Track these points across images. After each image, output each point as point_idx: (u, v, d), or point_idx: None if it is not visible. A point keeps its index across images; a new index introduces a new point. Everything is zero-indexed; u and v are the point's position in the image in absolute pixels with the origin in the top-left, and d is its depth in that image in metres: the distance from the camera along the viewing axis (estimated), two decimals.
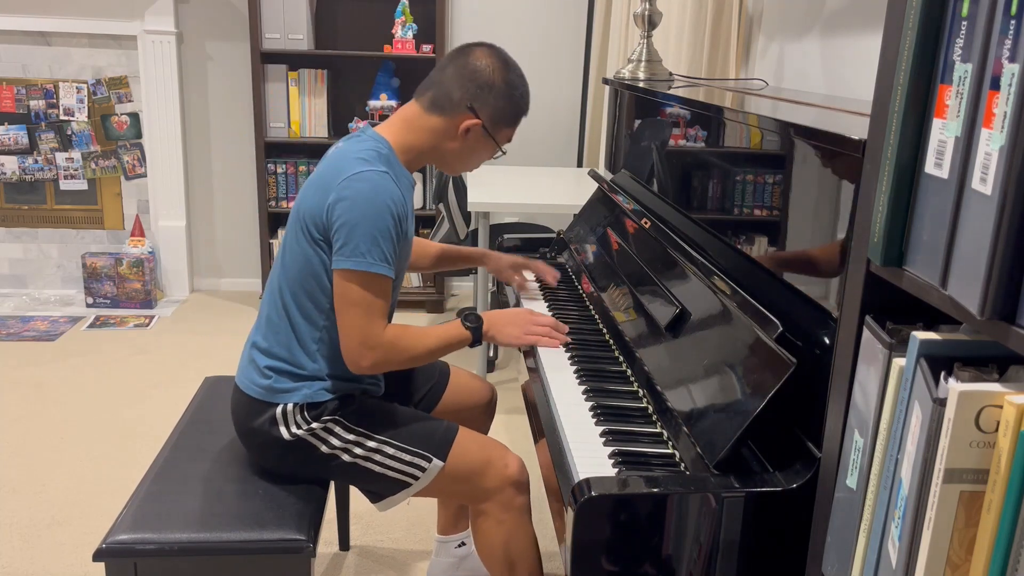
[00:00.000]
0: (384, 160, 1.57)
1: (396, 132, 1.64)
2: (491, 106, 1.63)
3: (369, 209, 1.50)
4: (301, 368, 1.60)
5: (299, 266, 1.58)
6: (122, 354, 3.54)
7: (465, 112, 1.62)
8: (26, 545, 2.25)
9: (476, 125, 1.63)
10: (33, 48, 3.98)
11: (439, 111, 1.63)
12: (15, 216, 4.17)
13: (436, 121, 1.63)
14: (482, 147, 1.68)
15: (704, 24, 2.82)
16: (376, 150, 1.58)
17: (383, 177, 1.53)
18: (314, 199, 1.55)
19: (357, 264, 1.50)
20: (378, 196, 1.51)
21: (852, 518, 0.89)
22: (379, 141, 1.61)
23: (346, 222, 1.50)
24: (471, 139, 1.65)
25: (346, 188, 1.51)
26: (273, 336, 1.62)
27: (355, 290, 1.51)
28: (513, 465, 1.63)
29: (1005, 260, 0.66)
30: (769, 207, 1.41)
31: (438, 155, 1.67)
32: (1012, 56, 0.64)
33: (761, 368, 1.20)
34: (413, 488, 1.62)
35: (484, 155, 1.71)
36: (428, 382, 1.92)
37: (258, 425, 1.60)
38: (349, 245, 1.50)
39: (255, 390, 1.61)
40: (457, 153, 1.67)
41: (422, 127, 1.64)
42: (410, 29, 3.91)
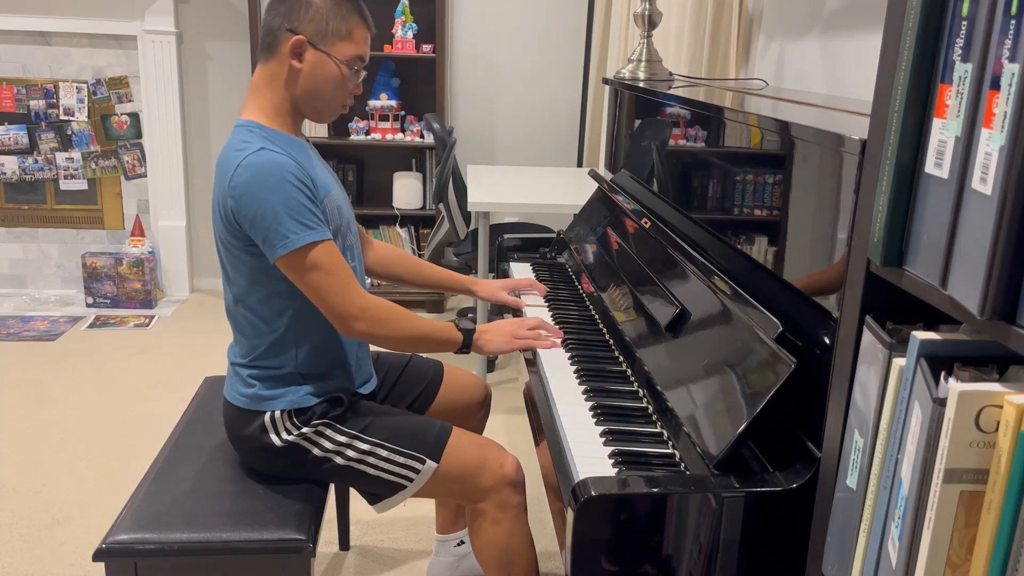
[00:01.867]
0: (258, 137, 1.52)
1: (252, 105, 1.58)
2: (312, 18, 1.53)
3: (264, 192, 1.46)
4: (282, 368, 1.60)
5: (240, 274, 1.57)
6: (122, 354, 3.54)
7: (286, 36, 1.53)
8: (26, 545, 2.25)
9: (301, 43, 1.53)
10: (33, 48, 3.98)
11: (269, 51, 1.56)
12: (15, 216, 4.17)
13: (272, 66, 1.56)
14: (326, 70, 1.56)
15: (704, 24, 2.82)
16: (245, 136, 1.53)
17: (261, 154, 1.48)
18: (219, 209, 1.53)
19: (287, 246, 1.47)
20: (267, 175, 1.46)
21: (852, 518, 0.89)
22: (244, 124, 1.56)
23: (254, 215, 1.47)
24: (308, 64, 1.54)
25: (235, 186, 1.47)
26: (246, 346, 1.62)
27: (305, 269, 1.49)
28: (508, 465, 1.63)
29: (1005, 260, 0.66)
30: (769, 207, 1.41)
31: (296, 101, 1.58)
32: (1012, 56, 0.64)
33: (761, 368, 1.20)
34: (408, 490, 1.62)
35: (336, 81, 1.57)
36: (422, 382, 1.91)
37: (249, 433, 1.60)
38: (270, 234, 1.47)
39: (241, 400, 1.61)
40: (307, 87, 1.56)
41: (266, 81, 1.57)
42: (410, 29, 3.91)
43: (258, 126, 1.55)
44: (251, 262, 1.54)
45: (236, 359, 1.65)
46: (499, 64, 4.25)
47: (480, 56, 4.23)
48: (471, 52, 4.22)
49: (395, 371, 1.89)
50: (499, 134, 4.35)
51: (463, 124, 4.30)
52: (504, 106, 4.31)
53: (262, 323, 1.59)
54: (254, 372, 1.61)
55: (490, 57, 4.23)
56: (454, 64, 4.21)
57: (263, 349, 1.60)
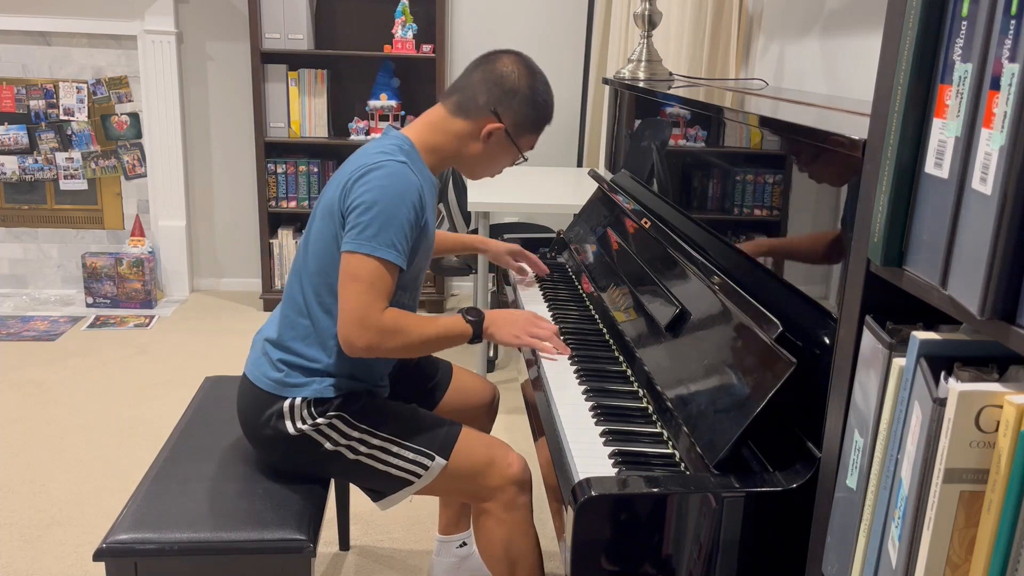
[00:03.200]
0: (405, 154, 1.59)
1: (419, 132, 1.66)
2: (514, 111, 1.65)
3: (384, 195, 1.51)
4: (315, 362, 1.60)
5: (321, 257, 1.59)
6: (122, 354, 3.54)
7: (489, 116, 1.64)
8: (26, 545, 2.25)
9: (499, 130, 1.65)
10: (33, 48, 3.98)
11: (463, 114, 1.65)
12: (15, 216, 4.17)
13: (460, 124, 1.66)
14: (503, 152, 1.70)
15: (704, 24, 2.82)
16: (398, 146, 1.60)
17: (402, 166, 1.54)
18: (334, 188, 1.58)
19: (363, 247, 1.50)
20: (394, 183, 1.52)
21: (852, 518, 0.89)
22: (402, 139, 1.63)
23: (360, 205, 1.51)
24: (493, 143, 1.67)
25: (365, 174, 1.53)
26: (290, 330, 1.62)
27: (360, 271, 1.50)
28: (516, 464, 1.63)
29: (1005, 260, 0.66)
30: (769, 207, 1.41)
31: (460, 158, 1.69)
32: (1012, 56, 0.64)
33: (761, 368, 1.20)
34: (415, 486, 1.62)
35: (505, 160, 1.74)
36: (430, 380, 1.91)
37: (265, 418, 1.60)
38: (359, 227, 1.50)
39: (266, 383, 1.61)
40: (478, 157, 1.69)
41: (446, 129, 1.66)
42: (410, 29, 3.91)
43: (412, 147, 1.63)
44: (337, 245, 1.56)
45: (273, 336, 1.65)
46: None
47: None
48: (471, 52, 4.19)
49: (404, 370, 1.89)
50: None
51: None
52: None
53: (319, 308, 1.60)
54: (288, 358, 1.61)
55: None
56: (454, 64, 4.21)
57: (306, 335, 1.61)
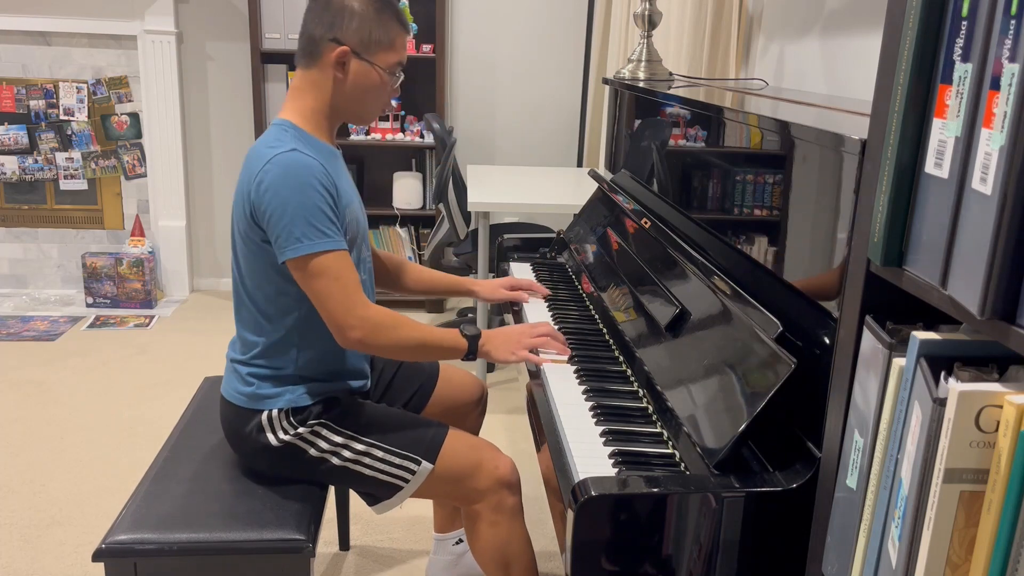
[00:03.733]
0: (291, 138, 1.53)
1: (291, 107, 1.60)
2: (355, 29, 1.55)
3: (287, 191, 1.47)
4: (281, 369, 1.60)
5: (254, 274, 1.57)
6: (122, 354, 3.54)
7: (330, 46, 1.55)
8: (26, 545, 2.25)
9: (345, 53, 1.54)
10: (33, 48, 3.98)
11: (312, 59, 1.57)
12: (15, 216, 4.17)
13: (314, 73, 1.57)
14: (369, 79, 1.58)
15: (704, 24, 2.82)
16: (279, 134, 1.54)
17: (292, 155, 1.49)
18: (238, 204, 1.54)
19: (298, 250, 1.47)
20: (293, 176, 1.47)
21: (852, 518, 0.89)
22: (280, 124, 1.57)
23: (273, 212, 1.47)
24: (351, 73, 1.56)
25: (261, 180, 1.48)
26: (248, 346, 1.62)
27: (313, 273, 1.48)
28: (504, 466, 1.63)
29: (1005, 260, 0.66)
30: (769, 207, 1.41)
31: (337, 108, 1.60)
32: (1012, 56, 0.64)
33: (761, 368, 1.20)
34: (405, 491, 1.62)
35: (377, 87, 1.60)
36: (417, 380, 1.90)
37: (246, 433, 1.60)
38: (284, 234, 1.47)
39: (239, 398, 1.61)
40: (351, 96, 1.59)
41: (307, 87, 1.58)
42: (410, 29, 3.91)
43: (293, 127, 1.57)
44: (265, 257, 1.54)
45: (236, 356, 1.65)
46: (499, 64, 4.25)
47: (480, 56, 4.23)
48: (471, 52, 4.22)
49: (391, 369, 1.89)
50: (499, 134, 4.35)
51: (463, 124, 4.30)
52: (504, 106, 4.31)
53: (267, 321, 1.59)
54: (254, 371, 1.61)
55: (490, 57, 4.23)
56: (454, 64, 4.21)
57: (265, 348, 1.60)
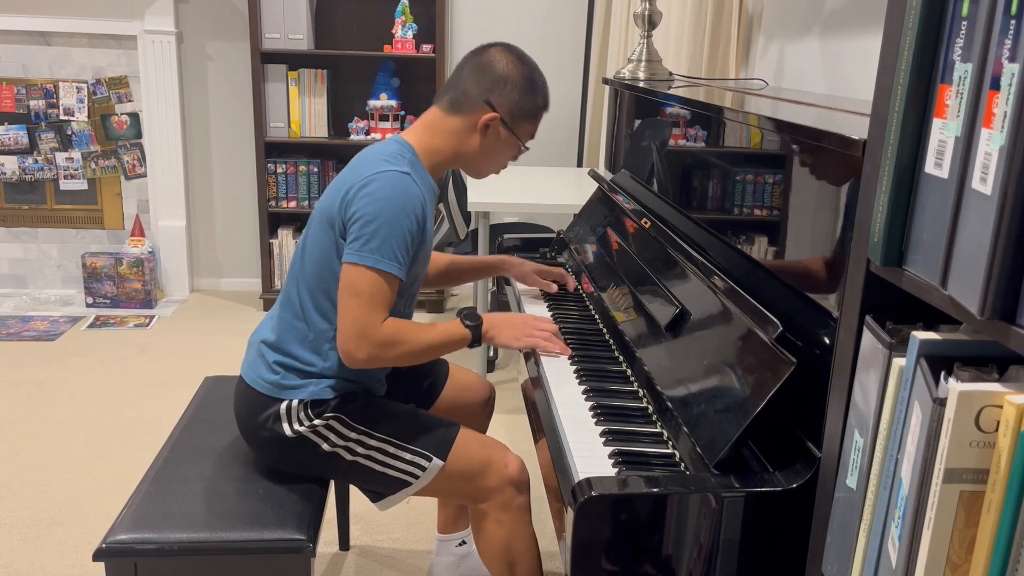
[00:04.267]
0: (407, 162, 1.58)
1: (419, 136, 1.65)
2: (508, 99, 1.64)
3: (387, 206, 1.50)
4: (311, 365, 1.61)
5: (318, 263, 1.59)
6: (122, 354, 3.54)
7: (483, 107, 1.63)
8: (26, 545, 2.25)
9: (494, 119, 1.63)
10: (33, 48, 3.98)
11: (458, 111, 1.64)
12: (15, 216, 4.17)
13: (456, 122, 1.65)
14: (503, 144, 1.68)
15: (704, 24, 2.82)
16: (399, 152, 1.60)
17: (404, 177, 1.54)
18: (335, 195, 1.57)
19: (365, 259, 1.50)
20: (397, 195, 1.52)
21: (852, 518, 0.89)
22: (402, 144, 1.63)
23: (362, 216, 1.51)
24: (491, 135, 1.65)
25: (365, 184, 1.52)
26: (286, 333, 1.62)
27: (360, 283, 1.50)
28: (513, 465, 1.63)
29: (1005, 260, 0.66)
30: (769, 207, 1.41)
31: (460, 157, 1.68)
32: (1012, 56, 0.64)
33: (761, 368, 1.20)
34: (413, 487, 1.62)
35: (507, 153, 1.71)
36: (427, 377, 1.91)
37: (262, 421, 1.61)
38: (361, 239, 1.50)
39: (263, 385, 1.61)
40: (479, 153, 1.67)
41: (443, 129, 1.65)
42: (410, 29, 3.91)
43: (412, 152, 1.62)
44: (331, 251, 1.57)
45: (269, 337, 1.64)
46: None
47: None
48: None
49: (400, 368, 1.88)
50: None
51: None
52: None
53: (316, 312, 1.60)
54: (284, 360, 1.61)
55: None
56: (454, 64, 4.21)
57: (302, 339, 1.60)
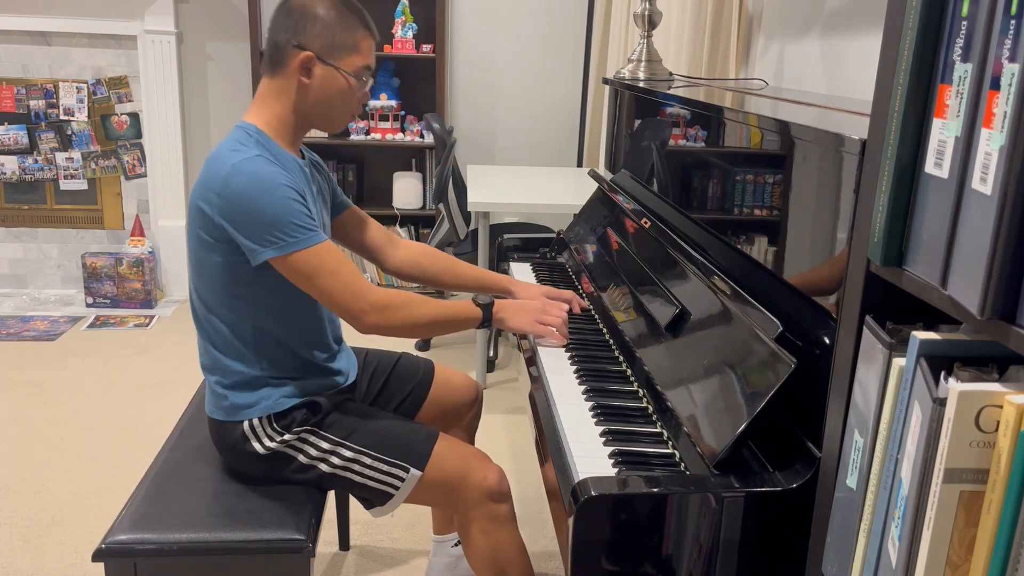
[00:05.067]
0: (255, 144, 1.51)
1: (256, 112, 1.58)
2: (317, 34, 1.53)
3: (259, 198, 1.44)
4: (248, 373, 1.58)
5: (207, 273, 1.55)
6: (122, 354, 3.54)
7: (294, 52, 1.53)
8: (26, 545, 2.25)
9: (310, 59, 1.53)
10: (33, 48, 3.98)
11: (276, 66, 1.55)
12: (15, 216, 4.17)
13: (280, 80, 1.56)
14: (334, 83, 1.56)
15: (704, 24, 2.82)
16: (243, 138, 1.52)
17: (256, 161, 1.47)
18: (197, 198, 1.50)
19: (290, 247, 1.45)
20: (261, 181, 1.45)
21: (852, 518, 0.89)
22: (244, 127, 1.55)
23: (246, 219, 1.45)
24: (317, 78, 1.54)
25: (227, 186, 1.45)
26: (212, 353, 1.60)
27: (309, 271, 1.47)
28: (492, 477, 1.62)
29: (1005, 260, 0.66)
30: (769, 207, 1.41)
31: (303, 114, 1.58)
32: (1012, 56, 0.64)
33: (761, 368, 1.20)
34: (396, 498, 1.62)
35: (344, 92, 1.58)
36: (411, 381, 1.89)
37: (232, 444, 1.60)
38: (265, 239, 1.45)
39: (218, 412, 1.60)
40: (316, 102, 1.56)
41: (273, 93, 1.57)
42: (410, 29, 3.91)
43: (258, 131, 1.54)
44: (220, 260, 1.52)
45: (208, 369, 1.63)
46: (499, 64, 4.25)
47: (480, 56, 4.23)
48: (471, 52, 4.22)
49: (384, 371, 1.87)
50: (499, 134, 4.35)
51: (463, 124, 4.30)
52: (504, 106, 4.31)
53: (225, 326, 1.57)
54: (224, 380, 1.59)
55: (490, 57, 4.23)
56: (454, 64, 4.21)
57: (230, 354, 1.58)
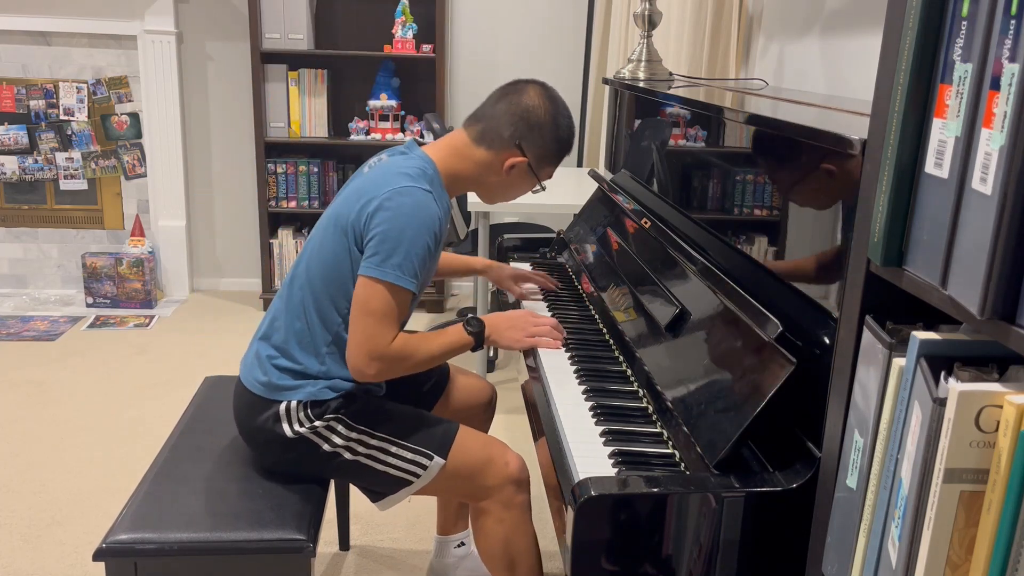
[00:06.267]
0: (428, 180, 1.60)
1: (443, 156, 1.67)
2: (538, 145, 1.67)
3: (410, 224, 1.52)
4: (307, 368, 1.61)
5: (327, 267, 1.59)
6: (122, 354, 3.54)
7: (512, 149, 1.66)
8: (26, 545, 2.25)
9: (522, 163, 1.67)
10: (33, 48, 3.98)
11: (487, 145, 1.67)
12: (15, 216, 4.17)
13: (483, 154, 1.67)
14: (523, 182, 1.72)
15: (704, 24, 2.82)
16: (422, 169, 1.61)
17: (427, 196, 1.56)
18: (355, 206, 1.56)
19: (386, 275, 1.51)
20: (420, 213, 1.53)
21: (852, 518, 0.89)
22: (426, 161, 1.64)
23: (385, 232, 1.51)
24: (515, 175, 1.69)
25: (390, 199, 1.53)
26: (285, 335, 1.62)
27: (377, 299, 1.52)
28: (513, 463, 1.64)
29: (1005, 260, 0.66)
30: (769, 207, 1.41)
31: (479, 185, 1.73)
32: (1012, 56, 0.64)
33: (761, 368, 1.20)
34: (414, 486, 1.62)
35: (524, 189, 1.75)
36: (428, 380, 1.92)
37: (261, 422, 1.61)
38: (381, 255, 1.51)
39: (259, 387, 1.62)
40: (498, 186, 1.72)
41: (468, 156, 1.67)
42: (410, 29, 3.91)
43: (435, 169, 1.64)
44: (347, 261, 1.57)
45: (268, 337, 1.65)
46: (499, 64, 4.25)
47: (480, 56, 4.23)
48: (471, 52, 4.22)
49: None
50: None
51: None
52: None
53: (316, 316, 1.60)
54: (281, 363, 1.61)
55: (490, 57, 4.23)
56: (454, 64, 4.21)
57: (300, 340, 1.61)
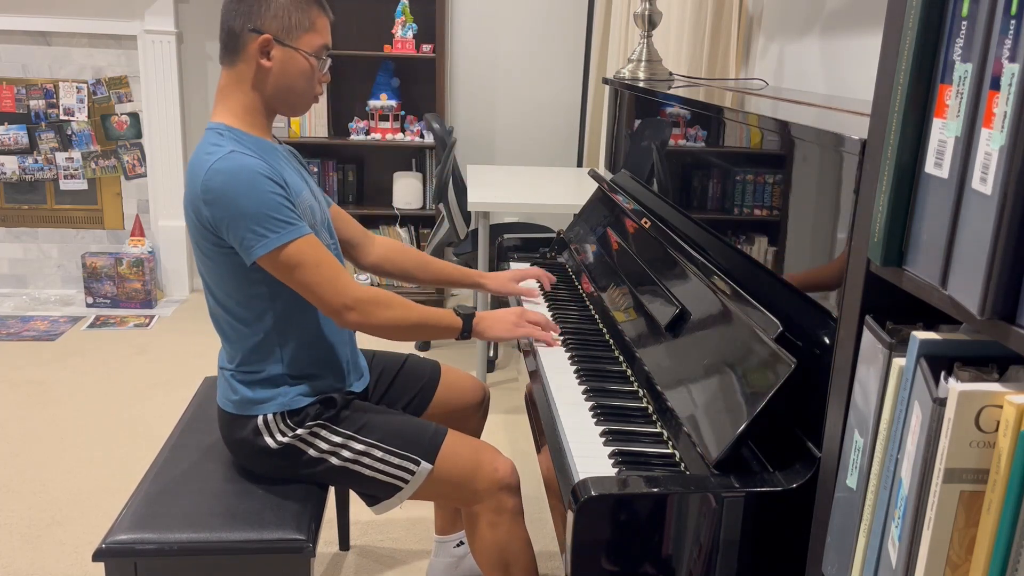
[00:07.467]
0: (228, 140, 1.51)
1: (220, 108, 1.57)
2: (272, 16, 1.53)
3: (239, 195, 1.44)
4: (267, 371, 1.59)
5: (218, 278, 1.55)
6: (122, 354, 3.54)
7: (251, 37, 1.53)
8: (26, 545, 2.25)
9: (268, 41, 1.52)
10: (33, 48, 3.98)
11: (234, 54, 1.55)
12: (15, 216, 4.17)
13: (239, 68, 1.55)
14: (295, 65, 1.55)
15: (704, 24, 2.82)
16: (216, 139, 1.52)
17: (232, 157, 1.46)
18: (191, 210, 1.51)
19: (267, 246, 1.45)
20: (239, 178, 1.45)
21: (852, 518, 0.89)
22: (214, 127, 1.55)
23: (230, 217, 1.45)
24: (276, 61, 1.54)
25: (208, 189, 1.45)
26: (231, 353, 1.61)
27: (291, 266, 1.47)
28: (503, 468, 1.63)
29: (1005, 260, 0.66)
30: (769, 207, 1.41)
31: (267, 100, 1.58)
32: (1012, 56, 0.64)
33: (761, 368, 1.20)
34: (405, 491, 1.62)
35: (307, 75, 1.57)
36: (418, 383, 1.90)
37: (243, 437, 1.60)
38: (248, 235, 1.45)
39: (231, 405, 1.61)
40: (278, 85, 1.56)
41: (234, 83, 1.57)
42: (410, 29, 3.91)
43: (228, 128, 1.54)
44: (227, 264, 1.52)
45: (224, 364, 1.64)
46: (499, 64, 4.25)
47: (480, 56, 4.23)
48: (471, 52, 4.22)
49: (391, 372, 1.88)
50: (499, 134, 4.35)
51: (463, 124, 4.30)
52: (504, 106, 4.31)
53: (244, 326, 1.58)
54: (241, 377, 1.60)
55: (490, 57, 4.23)
56: (454, 64, 4.21)
57: (248, 353, 1.59)
